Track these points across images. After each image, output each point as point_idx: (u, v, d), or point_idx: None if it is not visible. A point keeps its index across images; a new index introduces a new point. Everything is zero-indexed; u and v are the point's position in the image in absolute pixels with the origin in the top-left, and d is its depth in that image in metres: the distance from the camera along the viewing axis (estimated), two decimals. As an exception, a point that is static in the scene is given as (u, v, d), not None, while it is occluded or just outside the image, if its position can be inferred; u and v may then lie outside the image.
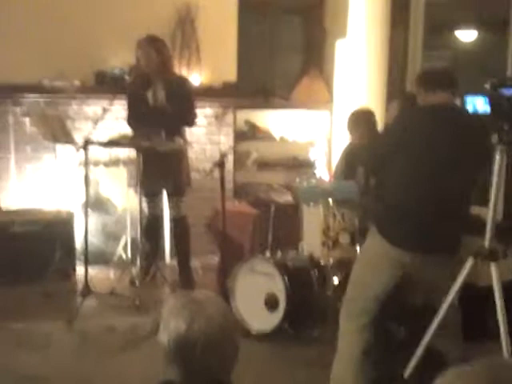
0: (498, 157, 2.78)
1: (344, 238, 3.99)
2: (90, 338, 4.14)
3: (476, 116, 3.81)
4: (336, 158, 5.18)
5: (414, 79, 3.49)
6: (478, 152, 3.12)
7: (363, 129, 4.50)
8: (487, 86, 2.76)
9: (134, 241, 5.48)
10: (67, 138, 4.95)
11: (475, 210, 3.50)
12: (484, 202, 3.03)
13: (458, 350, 3.28)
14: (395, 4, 5.63)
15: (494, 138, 2.77)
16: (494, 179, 2.81)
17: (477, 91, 3.81)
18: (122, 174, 5.72)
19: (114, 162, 5.77)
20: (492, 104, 2.79)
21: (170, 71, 5.02)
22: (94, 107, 5.61)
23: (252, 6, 6.32)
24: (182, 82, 5.10)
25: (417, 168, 3.15)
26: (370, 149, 3.66)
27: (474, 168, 3.18)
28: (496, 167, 2.80)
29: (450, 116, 3.21)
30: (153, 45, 4.88)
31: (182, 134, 5.10)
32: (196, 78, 5.77)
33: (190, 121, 5.08)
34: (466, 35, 6.77)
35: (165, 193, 5.21)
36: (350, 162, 4.63)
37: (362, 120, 4.53)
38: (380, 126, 4.68)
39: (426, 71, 3.64)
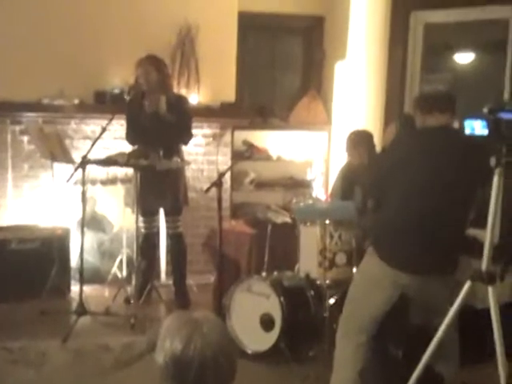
0: (495, 179, 2.79)
1: (341, 259, 3.98)
2: (85, 357, 4.11)
3: (474, 138, 3.82)
4: (333, 178, 5.19)
5: (413, 101, 3.50)
6: (475, 174, 3.13)
7: (361, 149, 4.52)
8: (485, 110, 2.77)
9: (129, 259, 5.47)
10: (65, 157, 4.96)
11: (471, 231, 3.51)
12: (480, 224, 3.03)
13: (456, 372, 3.28)
14: (394, 27, 5.68)
15: (492, 161, 2.77)
16: (492, 202, 2.81)
17: (475, 114, 3.82)
18: (119, 193, 5.72)
19: (112, 181, 5.77)
20: (490, 127, 2.80)
21: (169, 90, 5.03)
22: (92, 126, 5.62)
23: (252, 27, 6.37)
24: (181, 100, 5.11)
25: (414, 190, 3.16)
26: (368, 171, 3.67)
27: (472, 190, 3.19)
28: (494, 190, 2.80)
29: (448, 138, 3.22)
30: (153, 64, 4.90)
31: (179, 153, 5.11)
32: (195, 97, 5.79)
33: (186, 139, 5.09)
34: (464, 58, 6.81)
35: (162, 211, 5.20)
36: (348, 183, 4.64)
37: (360, 141, 4.55)
38: (378, 148, 4.70)
39: (424, 94, 3.65)
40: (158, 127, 4.88)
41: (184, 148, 5.21)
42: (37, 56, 5.47)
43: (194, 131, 5.12)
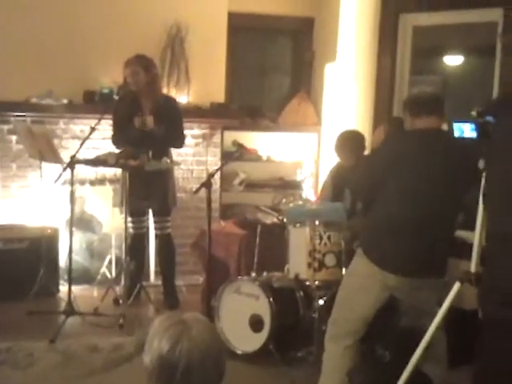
0: (483, 182, 2.80)
1: (330, 260, 3.98)
2: (73, 357, 4.09)
3: (462, 140, 3.85)
4: (323, 180, 5.19)
5: (402, 104, 3.51)
6: (463, 176, 3.14)
7: (351, 151, 4.52)
8: (474, 113, 2.78)
9: (118, 259, 5.46)
10: (54, 157, 4.94)
11: (460, 233, 3.52)
12: (469, 226, 3.04)
13: (444, 374, 3.29)
14: (383, 29, 5.69)
15: (481, 164, 2.78)
16: (480, 204, 2.82)
17: (464, 117, 3.84)
18: (108, 193, 5.71)
19: (101, 181, 5.75)
20: (479, 130, 2.81)
21: (157, 90, 5.02)
22: (81, 126, 5.60)
23: (241, 28, 6.37)
24: (171, 102, 5.10)
25: (403, 192, 3.17)
26: (357, 173, 3.67)
27: (460, 192, 3.20)
28: (482, 192, 2.81)
29: (436, 141, 3.23)
30: (141, 64, 4.88)
31: (168, 154, 5.10)
32: (184, 97, 5.78)
33: (178, 144, 5.09)
34: (453, 60, 6.85)
35: (150, 212, 5.20)
36: (337, 184, 4.64)
37: (350, 142, 4.55)
38: (369, 150, 4.70)
39: (412, 96, 3.65)
40: (146, 139, 4.88)
41: (175, 149, 5.21)
42: (25, 55, 5.44)
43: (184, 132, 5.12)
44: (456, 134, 3.98)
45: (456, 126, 4.01)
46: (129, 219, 5.03)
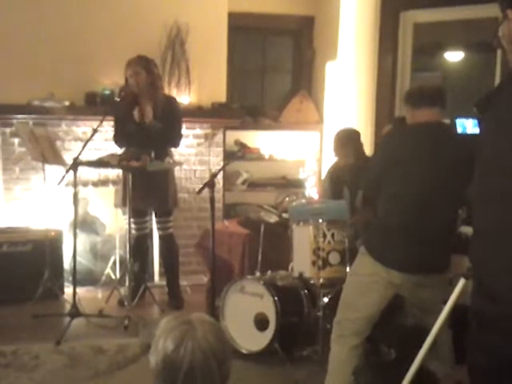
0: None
1: (334, 258, 3.98)
2: (78, 359, 4.09)
3: (463, 135, 3.84)
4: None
5: (403, 97, 3.48)
6: (464, 171, 3.12)
7: (349, 149, 4.52)
8: (475, 108, 2.77)
9: (122, 260, 5.46)
10: (56, 159, 4.94)
11: (464, 229, 3.51)
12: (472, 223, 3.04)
13: (449, 371, 3.28)
14: (384, 26, 5.69)
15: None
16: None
17: (465, 113, 3.84)
18: (110, 194, 5.71)
19: (103, 182, 5.76)
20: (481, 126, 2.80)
21: (159, 91, 5.03)
22: (83, 128, 5.61)
23: (242, 27, 6.37)
24: (171, 102, 5.11)
25: (406, 189, 3.15)
26: (363, 173, 3.63)
27: (462, 188, 3.18)
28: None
29: (436, 135, 3.20)
30: (142, 64, 4.90)
31: (170, 154, 5.10)
32: (186, 98, 5.78)
33: (174, 142, 5.08)
34: (455, 56, 6.84)
35: (153, 212, 5.20)
36: (336, 183, 4.64)
37: (347, 140, 4.55)
38: (370, 149, 4.70)
39: (412, 88, 3.59)
40: (144, 135, 4.90)
41: (175, 149, 5.21)
42: (27, 58, 5.45)
43: (186, 132, 5.12)
44: (459, 129, 3.97)
45: (459, 121, 4.01)
46: (132, 219, 5.04)
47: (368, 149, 5.06)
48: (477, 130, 2.85)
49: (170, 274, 5.30)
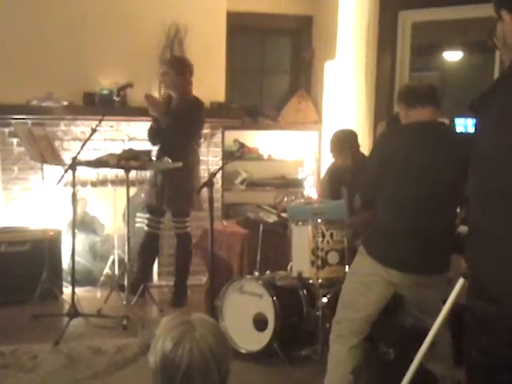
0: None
1: (333, 258, 3.98)
2: (77, 360, 4.09)
3: (463, 134, 3.82)
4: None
5: (397, 95, 3.44)
6: (460, 170, 3.11)
7: (346, 150, 4.51)
8: (470, 109, 2.76)
9: (121, 261, 5.46)
10: (55, 159, 4.94)
11: (463, 229, 3.50)
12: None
13: (449, 371, 3.28)
14: (382, 26, 5.69)
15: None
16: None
17: (464, 113, 3.83)
18: (109, 194, 5.71)
19: (102, 182, 5.76)
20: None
21: (182, 93, 5.12)
22: (82, 128, 5.60)
23: (241, 27, 6.36)
24: (191, 106, 5.15)
25: (403, 189, 3.14)
26: (360, 174, 3.62)
27: (460, 187, 3.17)
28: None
29: (431, 134, 3.17)
30: (172, 65, 5.09)
31: (187, 154, 5.11)
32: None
33: (179, 142, 5.07)
34: (453, 56, 6.84)
35: (168, 212, 5.26)
36: (334, 182, 4.63)
37: (344, 141, 4.54)
38: (366, 148, 4.69)
39: (407, 86, 3.46)
40: (157, 127, 5.08)
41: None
42: (25, 58, 5.45)
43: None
44: (460, 129, 3.96)
45: (460, 121, 4.00)
46: (146, 216, 5.20)
47: (366, 148, 5.06)
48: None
49: (181, 273, 5.31)
